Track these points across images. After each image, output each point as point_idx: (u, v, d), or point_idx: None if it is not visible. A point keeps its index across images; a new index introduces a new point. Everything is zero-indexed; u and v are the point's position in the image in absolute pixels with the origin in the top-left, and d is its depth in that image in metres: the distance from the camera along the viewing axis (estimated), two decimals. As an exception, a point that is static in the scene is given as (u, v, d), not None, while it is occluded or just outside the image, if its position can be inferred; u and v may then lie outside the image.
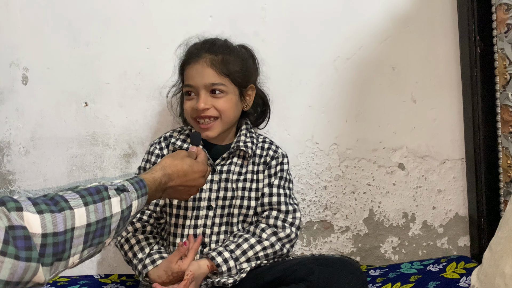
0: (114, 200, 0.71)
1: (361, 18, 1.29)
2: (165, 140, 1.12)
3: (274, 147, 1.13)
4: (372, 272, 1.22)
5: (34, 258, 0.58)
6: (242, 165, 1.09)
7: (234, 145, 1.09)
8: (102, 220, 0.68)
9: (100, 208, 0.68)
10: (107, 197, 0.70)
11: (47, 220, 0.61)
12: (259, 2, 1.28)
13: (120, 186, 0.74)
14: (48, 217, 0.61)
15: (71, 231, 0.63)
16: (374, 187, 1.32)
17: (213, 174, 1.07)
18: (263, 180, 1.09)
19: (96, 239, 0.68)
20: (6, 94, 1.31)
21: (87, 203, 0.67)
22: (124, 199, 0.72)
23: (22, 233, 0.58)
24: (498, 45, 1.17)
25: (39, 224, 0.60)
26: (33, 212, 0.60)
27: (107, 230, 0.69)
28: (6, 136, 1.32)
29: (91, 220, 0.66)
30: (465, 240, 1.34)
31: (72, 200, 0.66)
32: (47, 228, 0.60)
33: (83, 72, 1.30)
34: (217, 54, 1.04)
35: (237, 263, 0.99)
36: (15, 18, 1.30)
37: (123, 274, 1.28)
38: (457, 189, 1.33)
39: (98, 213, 0.68)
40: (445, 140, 1.32)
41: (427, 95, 1.31)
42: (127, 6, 1.29)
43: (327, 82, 1.30)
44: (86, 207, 0.66)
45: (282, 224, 1.04)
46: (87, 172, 1.32)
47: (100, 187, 0.71)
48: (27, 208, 0.60)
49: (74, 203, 0.65)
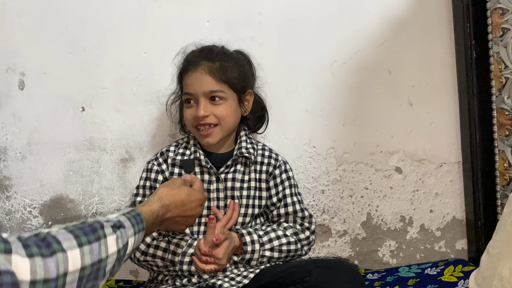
0: (110, 238, 0.66)
1: (357, 22, 1.29)
2: (162, 155, 1.11)
3: (274, 155, 1.14)
4: (370, 276, 1.21)
5: None
6: (244, 172, 1.09)
7: (237, 152, 1.08)
8: (97, 262, 0.63)
9: (96, 249, 0.63)
10: (103, 236, 0.65)
11: (37, 266, 0.55)
12: (256, 7, 1.29)
13: (116, 222, 0.69)
14: (39, 262, 0.55)
15: (63, 276, 0.57)
16: (371, 191, 1.32)
17: (217, 183, 1.07)
18: (266, 190, 1.10)
19: (89, 282, 0.62)
20: (3, 99, 1.31)
21: (81, 244, 0.61)
22: (120, 236, 0.67)
23: (9, 279, 0.52)
24: (494, 49, 1.17)
25: (29, 270, 0.54)
26: (22, 256, 0.54)
27: (102, 272, 0.64)
28: (3, 141, 1.32)
29: (86, 263, 0.61)
30: (462, 243, 1.34)
31: (65, 241, 0.60)
32: (37, 274, 0.55)
33: (80, 77, 1.30)
34: (215, 61, 1.05)
35: (262, 248, 1.02)
36: (11, 23, 1.30)
37: (120, 280, 1.28)
38: (454, 192, 1.33)
39: (93, 255, 0.62)
40: (441, 144, 1.32)
41: (424, 99, 1.31)
42: (124, 11, 1.29)
43: (324, 86, 1.30)
44: (81, 249, 0.61)
45: (301, 228, 1.09)
46: (84, 177, 1.32)
47: (95, 225, 0.65)
48: (16, 250, 0.54)
49: (67, 245, 0.59)
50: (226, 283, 0.97)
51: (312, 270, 0.93)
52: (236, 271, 1.02)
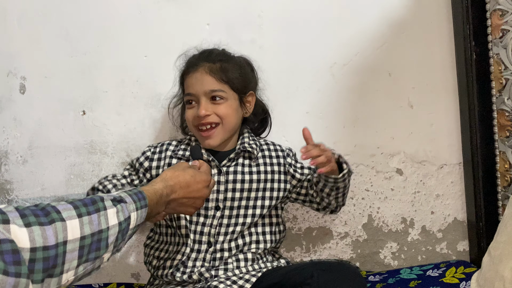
0: (110, 211, 0.67)
1: (357, 24, 1.29)
2: (161, 146, 1.12)
3: (278, 147, 1.15)
4: (371, 278, 1.21)
5: (24, 274, 0.54)
6: (251, 165, 1.09)
7: (240, 146, 1.09)
8: (97, 233, 0.64)
9: (95, 219, 0.64)
10: (103, 208, 0.66)
11: (35, 234, 0.56)
12: (256, 10, 1.29)
13: (117, 197, 0.70)
14: (36, 230, 0.57)
15: (63, 244, 0.59)
16: (372, 193, 1.32)
17: (219, 175, 1.07)
18: (284, 182, 1.11)
19: (92, 253, 0.63)
20: (4, 103, 1.31)
21: (81, 215, 0.62)
22: (121, 210, 0.68)
23: (10, 247, 0.54)
24: (493, 50, 1.17)
25: (27, 238, 0.56)
26: (20, 226, 0.56)
27: (104, 243, 0.65)
28: (4, 145, 1.32)
29: (86, 233, 0.62)
30: (464, 244, 1.34)
31: (64, 211, 0.61)
32: (36, 242, 0.56)
33: (80, 81, 1.30)
34: (215, 62, 1.06)
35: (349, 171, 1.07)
36: (12, 27, 1.30)
37: (121, 283, 1.28)
38: (455, 193, 1.33)
39: (93, 225, 0.63)
40: (442, 145, 1.32)
41: (424, 100, 1.31)
42: (124, 14, 1.29)
43: (324, 88, 1.30)
44: (80, 219, 0.62)
45: None
46: (85, 181, 1.32)
47: (95, 197, 0.67)
48: (14, 220, 0.56)
49: (67, 214, 0.61)
50: (228, 287, 0.97)
51: (313, 272, 0.92)
52: (238, 272, 1.02)
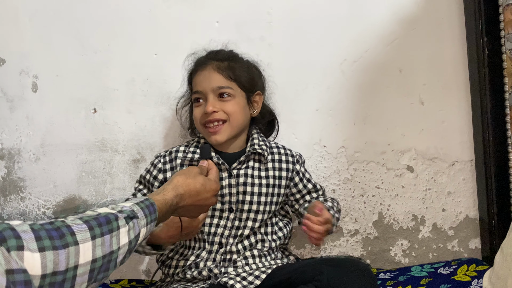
0: (122, 230, 0.66)
1: (367, 20, 1.29)
2: (170, 154, 1.12)
3: (288, 151, 1.14)
4: (382, 276, 1.21)
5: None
6: (260, 169, 1.09)
7: (250, 149, 1.09)
8: (108, 254, 0.63)
9: (107, 241, 0.63)
10: (116, 228, 0.65)
11: (48, 259, 0.56)
12: (265, 7, 1.29)
13: (130, 213, 0.68)
14: (49, 256, 0.56)
15: (73, 269, 0.58)
16: (383, 190, 1.32)
17: (230, 178, 1.07)
18: (285, 187, 1.11)
19: (101, 274, 0.63)
20: (16, 102, 1.33)
21: (94, 236, 0.61)
22: (132, 228, 0.67)
23: (22, 277, 0.53)
24: (506, 45, 1.16)
25: (40, 265, 0.55)
26: (33, 251, 0.55)
27: (113, 264, 0.64)
28: (17, 143, 1.34)
29: (97, 256, 0.61)
30: (476, 242, 1.32)
31: (79, 233, 0.60)
32: (47, 268, 0.56)
33: (91, 79, 1.31)
34: (223, 61, 1.08)
35: (335, 214, 1.09)
36: (24, 27, 1.32)
37: (133, 279, 1.29)
38: (467, 191, 1.32)
39: (105, 247, 0.62)
40: (454, 142, 1.31)
41: (435, 97, 1.30)
42: (134, 13, 1.30)
43: (334, 85, 1.30)
44: (93, 241, 0.61)
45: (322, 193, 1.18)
46: (96, 178, 1.33)
47: (110, 216, 0.65)
48: (28, 246, 0.55)
49: (81, 237, 0.60)
50: (238, 283, 0.98)
51: (323, 269, 0.92)
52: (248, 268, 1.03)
